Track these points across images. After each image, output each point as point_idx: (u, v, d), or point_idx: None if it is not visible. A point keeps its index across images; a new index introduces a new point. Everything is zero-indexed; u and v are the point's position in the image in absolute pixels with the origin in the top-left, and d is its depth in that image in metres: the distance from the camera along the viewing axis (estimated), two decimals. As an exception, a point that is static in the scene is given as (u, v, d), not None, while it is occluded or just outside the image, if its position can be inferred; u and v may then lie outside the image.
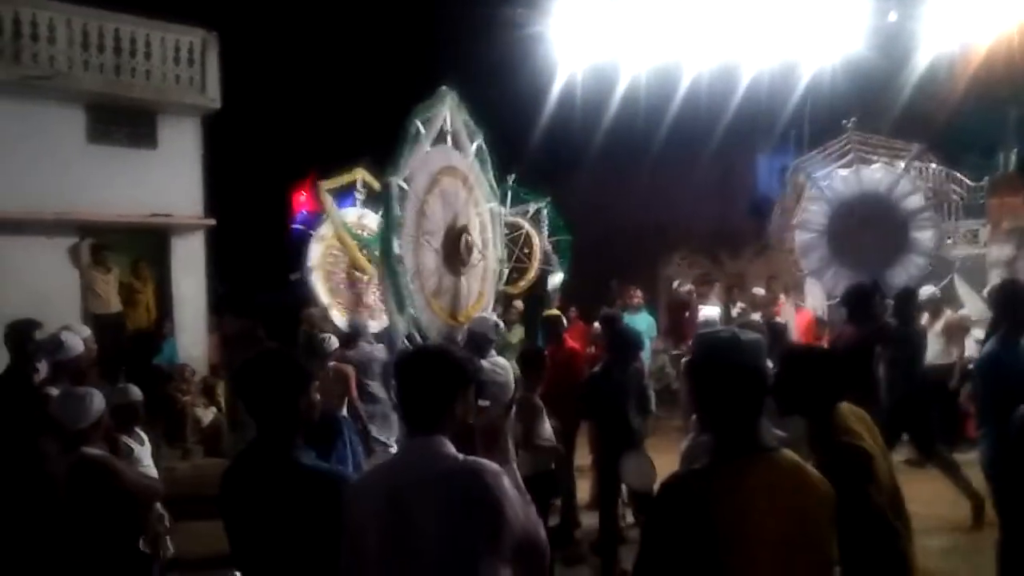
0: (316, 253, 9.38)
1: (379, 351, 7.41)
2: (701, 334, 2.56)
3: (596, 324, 8.20)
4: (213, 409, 9.95)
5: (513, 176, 8.83)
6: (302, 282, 9.32)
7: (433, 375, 2.34)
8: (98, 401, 3.86)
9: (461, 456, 2.30)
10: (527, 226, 9.59)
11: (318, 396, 2.67)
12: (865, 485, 2.88)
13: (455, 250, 6.36)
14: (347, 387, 6.91)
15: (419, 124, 6.13)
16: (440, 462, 2.26)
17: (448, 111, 6.34)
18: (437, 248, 6.24)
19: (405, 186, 6.11)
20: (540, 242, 9.64)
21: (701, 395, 2.14)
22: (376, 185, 8.11)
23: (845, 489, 2.79)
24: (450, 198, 6.39)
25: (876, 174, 9.99)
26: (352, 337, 7.54)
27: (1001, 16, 11.18)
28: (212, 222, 11.52)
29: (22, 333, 5.11)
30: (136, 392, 4.70)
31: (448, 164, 6.43)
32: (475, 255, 6.29)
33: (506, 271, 6.77)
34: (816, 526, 2.00)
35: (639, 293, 10.51)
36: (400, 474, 2.29)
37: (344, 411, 6.84)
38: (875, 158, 10.17)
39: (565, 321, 8.30)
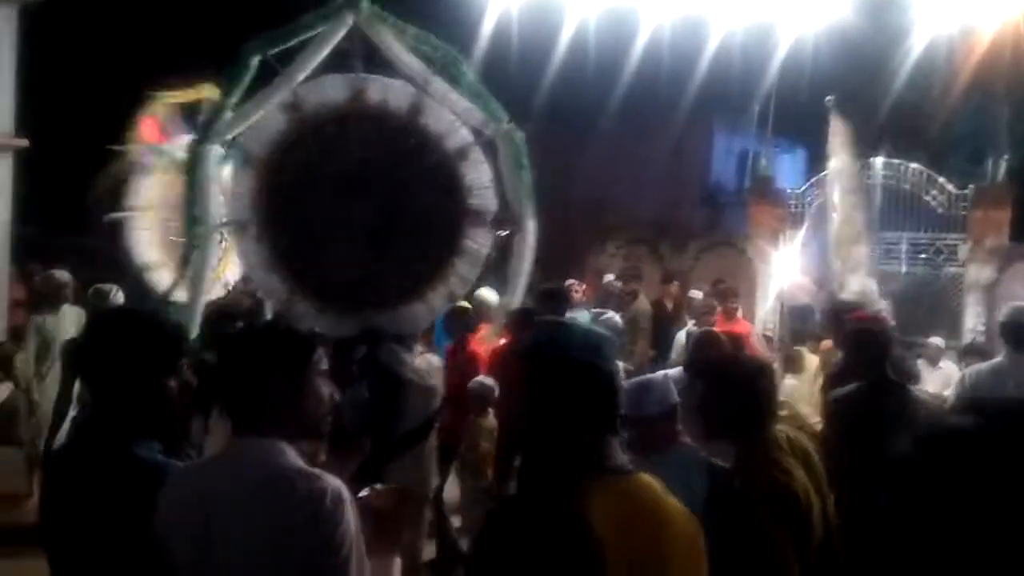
0: (148, 190, 8.06)
1: None
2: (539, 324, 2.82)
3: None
4: (8, 385, 8.72)
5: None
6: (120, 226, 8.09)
7: (244, 357, 2.07)
8: None
9: (295, 464, 1.95)
10: None
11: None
12: (778, 530, 2.70)
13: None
14: None
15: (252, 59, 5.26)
16: (261, 469, 1.95)
17: (351, 30, 5.32)
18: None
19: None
20: None
21: (532, 399, 2.04)
22: None
23: (766, 531, 2.72)
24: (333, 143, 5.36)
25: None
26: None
27: None
28: (24, 143, 10.01)
29: None
30: None
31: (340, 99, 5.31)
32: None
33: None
34: (664, 567, 1.87)
35: (580, 288, 9.23)
36: (214, 481, 2.01)
37: None
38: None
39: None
